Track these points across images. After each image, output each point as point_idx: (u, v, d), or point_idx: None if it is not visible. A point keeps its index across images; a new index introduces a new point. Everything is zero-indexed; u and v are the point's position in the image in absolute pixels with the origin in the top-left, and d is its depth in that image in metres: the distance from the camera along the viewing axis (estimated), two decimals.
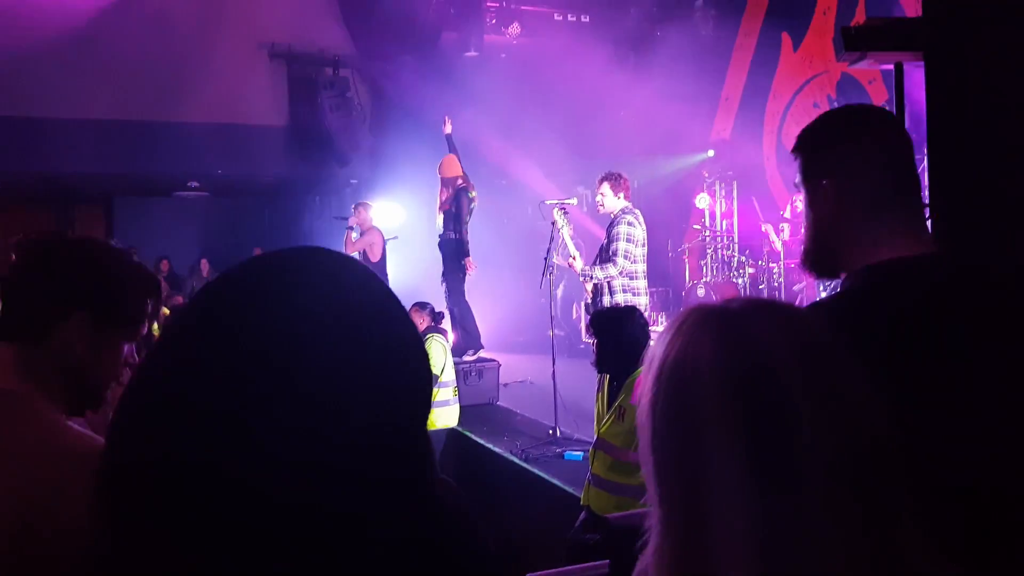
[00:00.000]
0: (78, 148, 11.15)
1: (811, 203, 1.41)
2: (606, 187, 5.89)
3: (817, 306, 1.40)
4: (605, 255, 5.79)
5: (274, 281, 0.71)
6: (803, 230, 1.48)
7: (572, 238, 6.18)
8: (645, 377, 0.86)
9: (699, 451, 0.78)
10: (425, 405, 0.75)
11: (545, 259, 6.28)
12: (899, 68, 3.29)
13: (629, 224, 5.73)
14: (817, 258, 1.44)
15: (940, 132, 2.55)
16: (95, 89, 11.00)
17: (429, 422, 0.76)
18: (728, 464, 0.77)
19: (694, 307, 0.87)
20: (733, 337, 0.81)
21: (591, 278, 5.80)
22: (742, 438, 0.77)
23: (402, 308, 0.76)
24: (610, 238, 5.78)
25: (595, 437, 4.01)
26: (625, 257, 5.66)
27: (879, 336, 1.17)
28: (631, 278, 5.75)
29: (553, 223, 6.20)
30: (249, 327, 0.67)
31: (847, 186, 1.38)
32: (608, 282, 5.73)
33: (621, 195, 5.88)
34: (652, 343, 0.88)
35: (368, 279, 0.76)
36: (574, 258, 6.01)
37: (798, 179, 1.44)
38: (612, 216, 5.87)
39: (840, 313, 1.28)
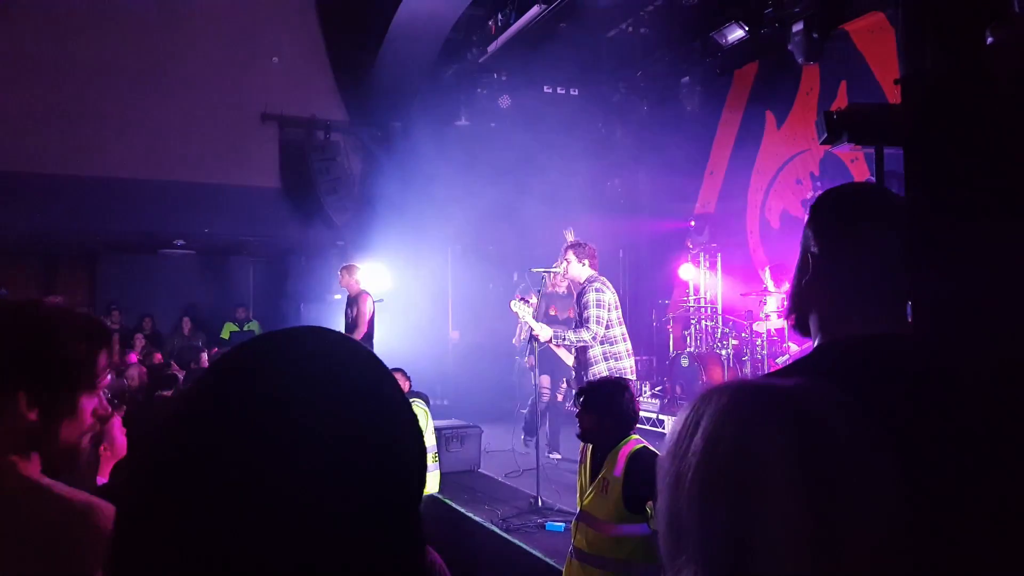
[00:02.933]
0: (64, 204, 11.17)
1: (798, 268, 1.48)
2: (571, 255, 6.04)
3: (771, 375, 1.45)
4: (579, 323, 5.90)
5: (274, 363, 0.74)
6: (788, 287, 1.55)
7: (545, 313, 6.23)
8: (675, 447, 0.87)
9: (749, 516, 0.81)
10: (420, 477, 0.77)
11: (530, 330, 6.32)
12: (879, 151, 3.39)
13: (597, 291, 5.82)
14: (794, 317, 1.51)
15: (919, 216, 2.62)
16: (83, 145, 11.08)
17: None
18: (781, 531, 0.79)
19: (729, 382, 0.90)
20: (793, 412, 0.84)
21: (564, 339, 5.88)
22: (798, 506, 0.80)
23: (396, 385, 0.78)
24: (581, 307, 5.89)
25: (578, 509, 3.96)
26: (597, 323, 5.74)
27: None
28: (611, 344, 5.82)
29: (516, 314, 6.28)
30: (250, 409, 0.70)
31: (829, 263, 1.43)
32: (588, 350, 5.81)
33: (586, 262, 6.00)
34: (679, 417, 0.90)
35: (362, 357, 0.78)
36: (540, 328, 6.02)
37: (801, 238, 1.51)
38: (580, 285, 5.99)
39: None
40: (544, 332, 5.96)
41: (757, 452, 0.82)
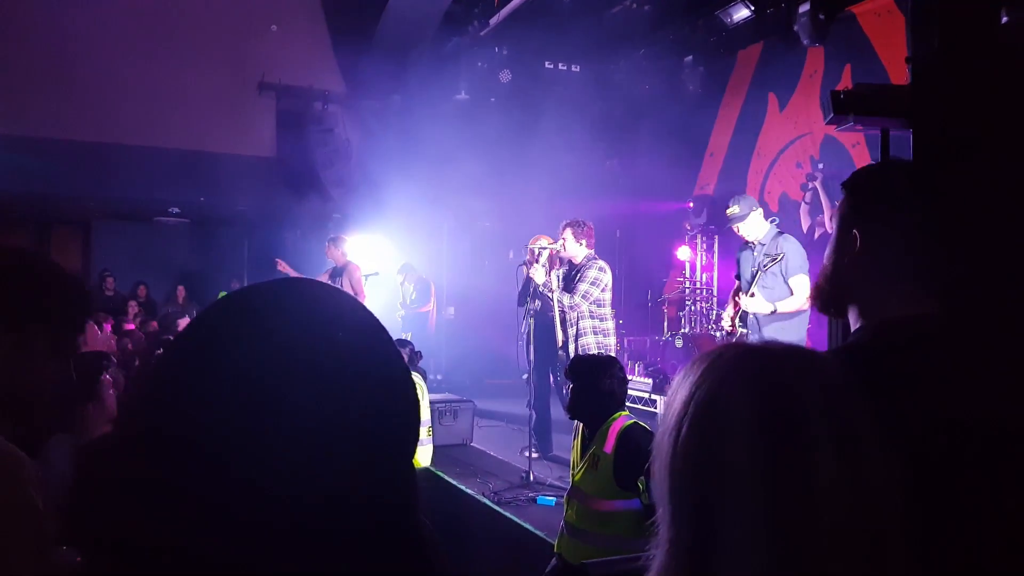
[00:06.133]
0: (58, 169, 11.08)
1: (837, 246, 1.44)
2: (568, 233, 6.18)
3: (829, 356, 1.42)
4: (567, 288, 6.11)
5: (257, 315, 0.71)
6: (822, 266, 1.50)
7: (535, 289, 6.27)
8: (666, 410, 0.86)
9: (718, 487, 0.80)
10: (412, 437, 0.74)
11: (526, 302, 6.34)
12: (885, 134, 3.36)
13: (600, 270, 6.05)
14: (828, 297, 1.47)
15: (926, 199, 2.60)
16: (79, 111, 10.98)
17: None
18: (744, 502, 0.78)
19: (725, 346, 0.88)
20: (763, 379, 0.82)
21: (550, 290, 6.03)
22: (761, 479, 0.78)
23: (390, 340, 0.75)
24: (579, 278, 6.09)
25: (570, 484, 3.96)
26: (583, 296, 5.94)
27: (887, 395, 1.19)
28: (601, 320, 6.08)
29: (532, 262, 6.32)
30: (234, 363, 0.67)
31: (874, 243, 1.41)
32: (579, 322, 6.02)
33: (583, 242, 6.17)
34: (677, 378, 0.88)
35: (354, 310, 0.75)
36: (538, 271, 6.08)
37: (834, 215, 1.48)
38: (579, 262, 6.15)
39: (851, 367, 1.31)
40: (539, 275, 6.04)
41: (725, 414, 0.81)
